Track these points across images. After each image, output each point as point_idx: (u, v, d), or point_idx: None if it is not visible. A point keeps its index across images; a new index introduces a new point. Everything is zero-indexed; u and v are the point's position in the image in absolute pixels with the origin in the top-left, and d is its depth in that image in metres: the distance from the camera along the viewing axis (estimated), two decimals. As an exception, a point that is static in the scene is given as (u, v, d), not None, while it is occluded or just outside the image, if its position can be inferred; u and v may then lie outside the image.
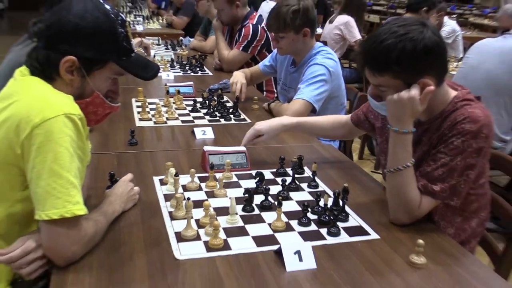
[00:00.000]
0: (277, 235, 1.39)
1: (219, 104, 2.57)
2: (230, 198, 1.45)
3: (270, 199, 1.54)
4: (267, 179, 1.73)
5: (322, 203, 1.50)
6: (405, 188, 1.44)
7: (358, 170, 1.93)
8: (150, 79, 1.44)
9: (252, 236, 1.37)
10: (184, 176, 1.68)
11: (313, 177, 1.73)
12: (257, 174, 1.66)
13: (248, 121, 2.45)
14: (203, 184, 1.67)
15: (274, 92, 3.60)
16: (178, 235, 1.35)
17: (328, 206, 1.49)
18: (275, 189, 1.65)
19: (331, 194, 1.62)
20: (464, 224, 1.57)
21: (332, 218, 1.44)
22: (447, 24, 5.29)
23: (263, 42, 3.48)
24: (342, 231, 1.42)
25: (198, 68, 3.59)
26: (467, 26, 8.11)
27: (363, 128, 1.92)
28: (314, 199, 1.53)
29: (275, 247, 1.29)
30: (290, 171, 1.75)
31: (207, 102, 2.60)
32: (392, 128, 1.45)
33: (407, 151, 1.44)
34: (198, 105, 2.59)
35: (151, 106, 2.54)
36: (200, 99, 2.66)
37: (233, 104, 2.58)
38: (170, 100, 2.58)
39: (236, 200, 1.46)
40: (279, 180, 1.68)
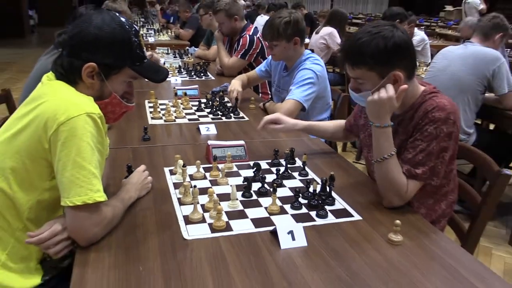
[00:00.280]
0: (272, 217, 1.38)
1: (221, 104, 2.55)
2: (231, 186, 1.44)
3: (266, 186, 1.53)
4: (263, 168, 1.72)
5: (311, 189, 1.49)
6: (392, 174, 1.43)
7: (342, 160, 1.91)
8: (160, 82, 1.43)
9: (251, 219, 1.36)
10: (191, 167, 1.67)
11: (303, 166, 1.72)
12: (254, 164, 1.65)
13: (246, 119, 2.44)
14: (208, 174, 1.65)
15: (268, 93, 3.59)
16: (186, 218, 1.34)
17: (317, 192, 1.48)
18: (270, 177, 1.63)
19: (319, 181, 1.61)
20: (435, 206, 1.56)
21: (320, 202, 1.43)
22: (417, 34, 5.27)
23: (258, 50, 3.47)
24: (329, 214, 1.40)
25: (202, 74, 3.56)
26: (434, 36, 8.08)
27: (355, 132, 1.89)
28: (305, 186, 1.52)
29: (271, 228, 1.28)
30: (283, 161, 1.74)
31: (210, 103, 2.58)
32: (374, 124, 1.44)
33: (389, 142, 1.43)
34: (203, 105, 2.57)
35: (161, 107, 2.53)
36: (204, 100, 2.64)
37: (233, 105, 2.57)
38: (178, 101, 2.56)
39: (236, 187, 1.44)
40: (274, 169, 1.67)
